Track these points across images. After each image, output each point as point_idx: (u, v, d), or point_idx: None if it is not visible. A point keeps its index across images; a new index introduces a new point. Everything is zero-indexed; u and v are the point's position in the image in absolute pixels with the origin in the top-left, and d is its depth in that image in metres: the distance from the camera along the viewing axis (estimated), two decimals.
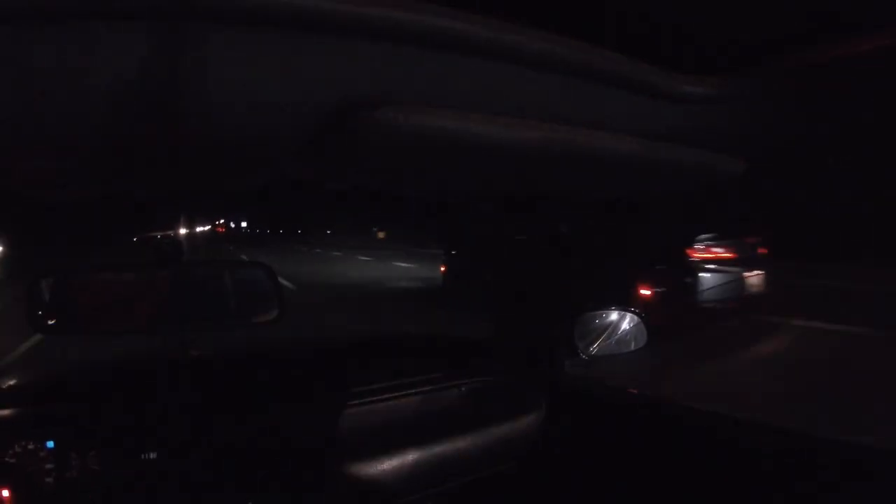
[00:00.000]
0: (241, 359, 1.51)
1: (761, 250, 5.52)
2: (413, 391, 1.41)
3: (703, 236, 4.99)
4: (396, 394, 1.39)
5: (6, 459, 1.07)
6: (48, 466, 1.08)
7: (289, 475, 1.24)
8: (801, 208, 0.93)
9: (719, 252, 5.07)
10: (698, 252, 5.00)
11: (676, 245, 4.75)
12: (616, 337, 1.46)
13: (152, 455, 1.13)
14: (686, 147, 0.74)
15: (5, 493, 1.05)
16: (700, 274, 4.77)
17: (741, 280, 4.95)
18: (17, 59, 0.43)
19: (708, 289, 4.71)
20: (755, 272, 5.12)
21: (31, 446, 1.08)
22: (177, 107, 0.53)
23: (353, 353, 1.61)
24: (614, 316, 1.46)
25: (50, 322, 1.25)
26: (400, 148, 0.61)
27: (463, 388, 1.45)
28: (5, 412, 1.12)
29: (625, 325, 1.47)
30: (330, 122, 0.57)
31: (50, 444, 1.09)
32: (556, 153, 0.68)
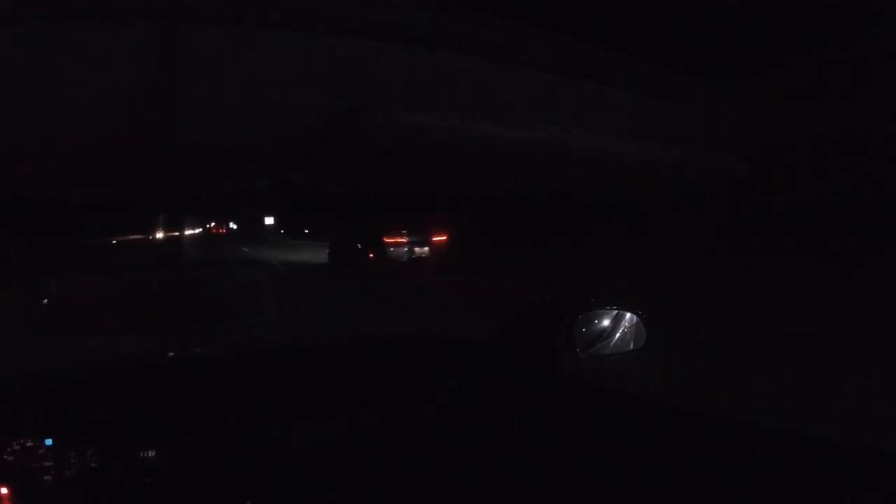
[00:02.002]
0: (239, 358, 1.51)
1: (437, 238, 11.85)
2: (412, 393, 1.41)
3: (402, 231, 11.67)
4: (395, 395, 1.38)
5: (5, 457, 1.07)
6: (47, 464, 1.08)
7: (288, 475, 1.23)
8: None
9: (398, 239, 11.60)
10: (388, 238, 11.56)
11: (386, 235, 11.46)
12: (615, 337, 1.46)
13: (150, 453, 1.13)
14: (688, 149, 0.74)
15: (4, 490, 1.05)
16: (387, 248, 11.47)
17: (411, 251, 11.56)
18: (16, 60, 0.43)
19: (390, 253, 11.40)
20: (422, 247, 11.65)
21: (29, 444, 1.08)
22: (174, 110, 0.52)
23: (353, 355, 1.60)
24: (613, 316, 1.46)
25: (49, 323, 1.25)
26: (399, 150, 0.61)
27: (462, 390, 1.45)
28: (4, 410, 1.12)
29: (624, 325, 1.46)
30: (328, 125, 0.57)
31: (49, 441, 1.09)
32: (558, 154, 0.68)
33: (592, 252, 1.28)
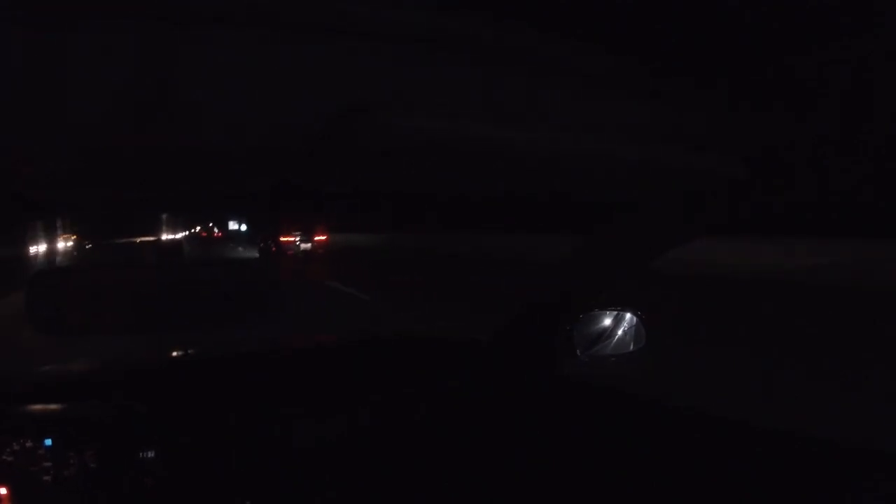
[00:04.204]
0: (239, 358, 1.51)
1: (319, 237, 19.01)
2: (412, 392, 1.41)
3: (295, 233, 18.87)
4: (395, 395, 1.39)
5: (4, 458, 1.07)
6: (46, 465, 1.08)
7: (288, 475, 1.24)
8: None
9: (289, 238, 18.34)
10: (283, 238, 18.48)
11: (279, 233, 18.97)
12: (615, 338, 1.46)
13: (150, 453, 1.13)
14: (688, 149, 0.74)
15: (3, 490, 1.05)
16: (281, 245, 18.26)
17: (298, 246, 18.03)
18: (15, 60, 0.43)
19: (285, 247, 18.15)
20: (306, 244, 18.21)
21: (29, 444, 1.08)
22: (173, 110, 0.52)
23: (353, 355, 1.60)
24: (613, 317, 1.46)
25: (47, 322, 1.25)
26: (399, 150, 0.61)
27: (462, 390, 1.45)
28: (3, 410, 1.12)
29: (623, 327, 1.46)
30: (328, 125, 0.57)
31: (48, 442, 1.09)
32: (555, 154, 0.68)
33: (594, 251, 1.28)
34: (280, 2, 0.45)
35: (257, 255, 19.16)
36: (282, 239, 18.01)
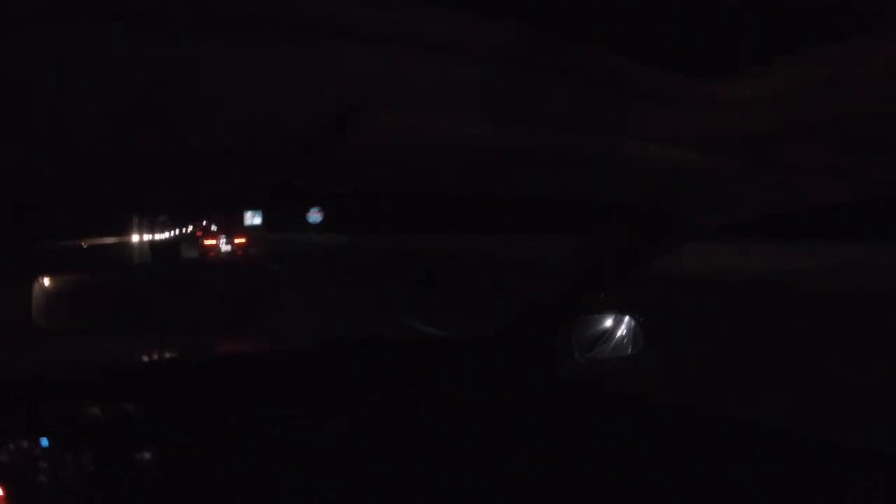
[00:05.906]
0: (239, 359, 1.51)
1: (238, 238, 21.27)
2: (412, 392, 1.41)
3: (219, 236, 21.84)
4: (395, 395, 1.39)
5: (0, 458, 1.07)
6: (42, 465, 1.08)
7: (288, 475, 1.23)
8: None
9: (212, 242, 20.78)
10: (207, 240, 21.09)
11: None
12: (613, 341, 1.46)
13: (147, 455, 1.12)
14: (688, 149, 0.74)
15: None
16: (204, 247, 20.49)
17: (220, 247, 20.38)
18: (15, 61, 0.43)
19: (207, 250, 20.39)
20: (227, 246, 20.46)
21: (25, 445, 1.08)
22: (174, 111, 0.52)
23: (353, 355, 1.60)
24: (611, 320, 1.46)
25: (48, 321, 1.25)
26: (399, 150, 0.61)
27: (462, 390, 1.45)
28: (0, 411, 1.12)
29: (622, 329, 1.46)
30: (328, 125, 0.57)
31: (44, 442, 1.08)
32: (555, 156, 0.68)
33: (594, 251, 1.28)
34: (280, 2, 0.44)
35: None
36: (205, 242, 20.17)
